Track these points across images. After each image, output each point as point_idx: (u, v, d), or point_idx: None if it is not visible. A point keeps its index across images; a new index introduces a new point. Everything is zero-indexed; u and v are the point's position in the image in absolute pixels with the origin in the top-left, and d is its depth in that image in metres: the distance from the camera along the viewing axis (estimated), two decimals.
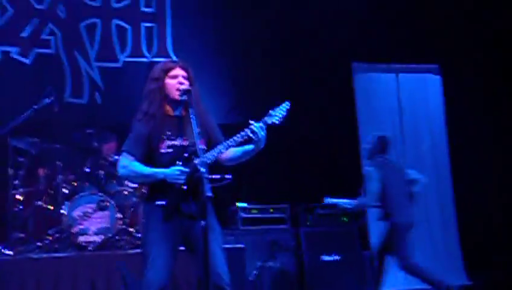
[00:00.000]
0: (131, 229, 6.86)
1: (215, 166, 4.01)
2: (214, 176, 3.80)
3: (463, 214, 8.78)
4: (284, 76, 8.78)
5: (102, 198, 6.68)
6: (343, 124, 8.57)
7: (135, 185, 7.03)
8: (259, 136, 3.76)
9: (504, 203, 8.96)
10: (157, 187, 3.81)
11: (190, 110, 3.73)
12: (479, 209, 8.89)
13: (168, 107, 3.93)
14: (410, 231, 6.33)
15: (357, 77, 8.66)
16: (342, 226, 7.97)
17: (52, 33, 8.12)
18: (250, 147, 3.87)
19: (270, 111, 3.84)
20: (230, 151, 3.91)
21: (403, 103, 8.74)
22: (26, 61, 8.01)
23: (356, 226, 8.10)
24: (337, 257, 7.70)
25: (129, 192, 7.01)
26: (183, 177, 3.71)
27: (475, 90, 9.03)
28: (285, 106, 3.86)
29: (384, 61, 8.79)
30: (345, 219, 8.08)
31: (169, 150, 3.82)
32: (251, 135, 3.75)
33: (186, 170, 3.72)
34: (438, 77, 8.92)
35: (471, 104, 8.98)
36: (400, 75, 8.81)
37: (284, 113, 3.83)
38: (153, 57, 8.44)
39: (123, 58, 8.37)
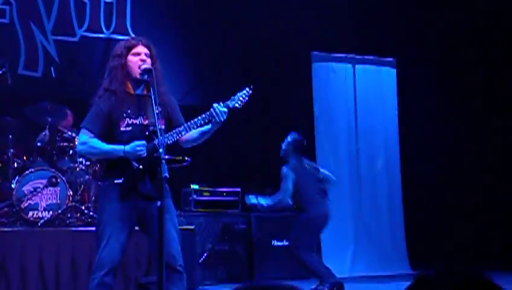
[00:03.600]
0: (81, 207, 6.79)
1: (173, 148, 4.01)
2: (173, 157, 3.78)
3: (410, 204, 8.99)
4: (243, 61, 8.79)
5: (53, 174, 6.58)
6: (300, 112, 8.65)
7: (88, 163, 6.95)
8: (221, 119, 3.78)
9: (451, 195, 9.21)
10: (114, 165, 3.79)
11: (151, 90, 3.71)
12: (426, 199, 9.14)
13: (129, 85, 3.89)
14: (325, 224, 6.70)
15: (315, 65, 8.72)
16: (292, 212, 8.05)
17: (7, 2, 7.91)
18: (207, 127, 3.87)
19: (234, 95, 3.86)
20: (188, 133, 3.90)
21: (359, 93, 8.86)
22: None
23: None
24: (286, 242, 7.79)
25: (81, 169, 6.92)
26: (143, 150, 3.70)
27: (428, 85, 9.23)
28: (248, 90, 3.89)
29: (343, 52, 8.89)
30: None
31: (129, 128, 3.80)
32: (216, 117, 3.75)
33: (145, 143, 3.71)
34: (393, 70, 9.07)
35: (423, 97, 9.18)
36: (357, 66, 8.92)
37: (246, 98, 3.87)
38: (111, 33, 8.32)
39: (80, 32, 8.22)
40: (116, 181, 3.76)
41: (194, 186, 7.74)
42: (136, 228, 3.89)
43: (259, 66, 8.77)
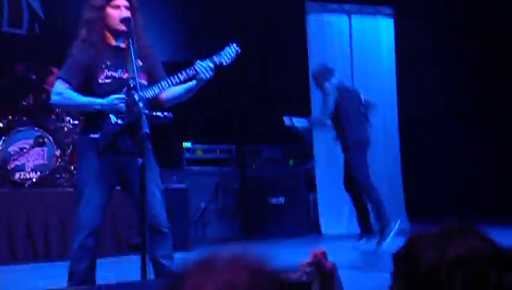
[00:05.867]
0: (70, 167, 6.62)
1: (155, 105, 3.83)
2: (154, 113, 3.58)
3: (408, 157, 8.85)
4: (235, 14, 8.53)
5: (40, 133, 6.41)
6: (295, 65, 8.42)
7: (76, 122, 6.76)
8: (207, 75, 3.59)
9: (450, 147, 9.07)
10: (91, 120, 3.61)
11: (130, 41, 3.49)
12: (424, 151, 8.99)
13: (109, 36, 3.70)
14: (367, 148, 6.47)
15: (310, 17, 8.44)
16: (288, 169, 7.92)
17: None
18: (191, 84, 3.67)
19: (220, 51, 3.68)
20: (170, 90, 3.69)
21: (355, 45, 8.60)
22: None
23: (303, 170, 8.06)
24: (282, 200, 7.67)
25: (69, 128, 6.74)
26: (122, 103, 3.51)
27: (427, 35, 8.96)
28: (235, 47, 3.72)
29: (337, 2, 8.60)
30: (291, 161, 8.03)
31: (108, 81, 3.60)
32: (201, 74, 3.56)
33: (124, 96, 3.52)
34: (391, 20, 8.77)
35: (422, 48, 8.93)
36: (353, 16, 8.63)
37: (234, 55, 3.70)
38: None
39: None
40: (92, 136, 3.57)
41: (187, 144, 7.56)
42: (118, 187, 3.71)
43: (252, 19, 8.50)
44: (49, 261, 5.94)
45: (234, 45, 3.74)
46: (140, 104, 3.35)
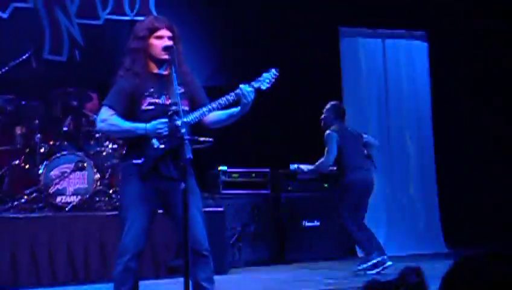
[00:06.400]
0: (109, 191, 6.76)
1: (197, 128, 3.91)
2: (195, 138, 3.67)
3: (444, 181, 8.78)
4: (269, 39, 8.64)
5: (80, 158, 6.55)
6: (328, 89, 8.46)
7: (115, 146, 6.91)
8: (248, 100, 3.68)
9: (488, 169, 8.96)
10: (134, 145, 3.70)
11: (172, 69, 3.61)
12: (461, 175, 8.90)
13: (152, 65, 3.81)
14: (370, 191, 6.64)
15: (343, 41, 8.51)
16: (323, 192, 7.94)
17: None
18: (235, 110, 3.78)
19: (259, 76, 3.78)
20: (214, 114, 3.81)
21: (389, 69, 8.63)
22: (4, 15, 7.76)
23: (337, 192, 8.06)
24: (317, 223, 7.69)
25: (108, 153, 6.88)
26: (165, 128, 3.60)
27: (462, 59, 8.94)
28: (274, 72, 3.83)
29: (371, 26, 8.65)
30: (325, 184, 8.04)
31: (151, 107, 3.70)
32: (242, 98, 3.67)
33: (167, 121, 3.61)
34: (425, 44, 8.79)
35: (457, 72, 8.90)
36: (386, 40, 8.68)
37: (273, 80, 3.80)
38: (134, 15, 8.23)
39: (104, 15, 8.17)
40: (135, 162, 3.67)
41: (222, 168, 7.64)
42: (160, 211, 3.79)
43: (285, 44, 8.60)
44: (89, 283, 6.05)
45: (273, 70, 3.84)
46: (183, 130, 3.43)
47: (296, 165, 6.86)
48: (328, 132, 6.61)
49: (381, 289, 1.33)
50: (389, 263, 6.27)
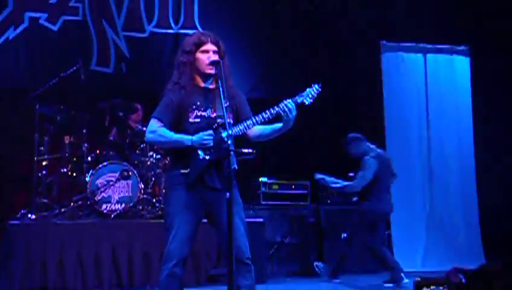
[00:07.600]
0: (153, 200, 6.92)
1: (240, 140, 4.01)
2: (240, 150, 3.78)
3: (484, 197, 8.69)
4: (310, 53, 8.73)
5: (125, 167, 6.73)
6: (369, 103, 8.51)
7: (158, 156, 7.07)
8: (291, 115, 3.78)
9: None
10: (180, 156, 3.83)
11: (219, 83, 3.72)
12: (502, 191, 8.80)
13: (198, 79, 3.95)
14: (384, 222, 6.83)
15: (385, 55, 8.54)
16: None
17: (79, 0, 8.12)
18: (279, 125, 3.88)
19: (303, 92, 3.86)
20: (258, 128, 3.93)
21: (430, 83, 8.62)
22: (54, 28, 8.03)
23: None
24: None
25: (152, 163, 7.05)
26: (210, 139, 3.73)
27: (504, 74, 8.87)
28: (317, 87, 3.90)
29: (413, 41, 8.66)
30: None
31: (197, 120, 3.84)
32: (283, 113, 3.77)
33: (213, 133, 3.74)
34: (467, 59, 8.75)
35: (499, 88, 8.83)
36: (428, 55, 8.67)
37: (316, 95, 3.87)
38: (179, 28, 8.42)
39: (150, 28, 8.37)
40: (182, 172, 3.79)
41: (263, 179, 7.74)
42: (204, 220, 3.91)
43: (327, 57, 8.67)
44: (133, 289, 6.22)
45: (316, 85, 3.92)
46: (229, 141, 3.55)
47: (321, 176, 6.84)
48: (367, 157, 6.60)
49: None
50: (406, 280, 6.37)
